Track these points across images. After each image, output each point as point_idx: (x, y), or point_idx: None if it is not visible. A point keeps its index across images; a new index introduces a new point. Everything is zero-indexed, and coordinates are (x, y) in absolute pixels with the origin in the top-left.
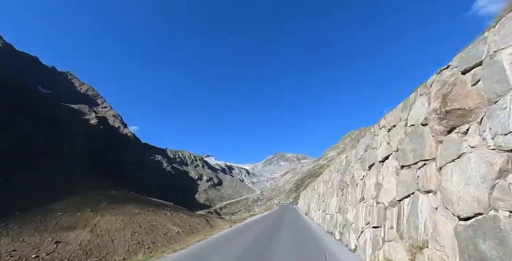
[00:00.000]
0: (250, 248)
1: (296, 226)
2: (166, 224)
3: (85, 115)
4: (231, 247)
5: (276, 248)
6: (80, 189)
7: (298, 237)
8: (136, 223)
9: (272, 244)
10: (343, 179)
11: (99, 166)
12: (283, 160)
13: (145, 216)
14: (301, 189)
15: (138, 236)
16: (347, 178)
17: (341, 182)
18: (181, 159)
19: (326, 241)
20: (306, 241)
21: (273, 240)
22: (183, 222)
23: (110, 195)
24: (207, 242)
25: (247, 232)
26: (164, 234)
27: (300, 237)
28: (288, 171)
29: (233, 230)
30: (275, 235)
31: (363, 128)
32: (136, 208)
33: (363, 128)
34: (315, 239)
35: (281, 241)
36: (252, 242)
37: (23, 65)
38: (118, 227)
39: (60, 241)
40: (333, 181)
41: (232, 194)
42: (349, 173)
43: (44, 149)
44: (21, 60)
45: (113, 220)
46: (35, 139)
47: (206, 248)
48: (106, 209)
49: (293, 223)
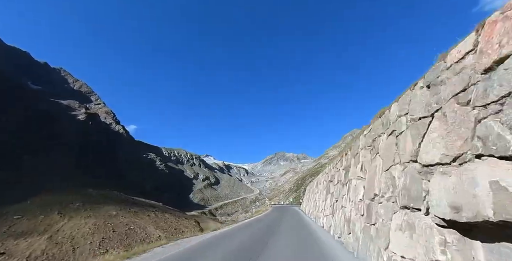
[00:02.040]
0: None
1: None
2: (147, 228)
3: (74, 111)
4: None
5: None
6: (56, 187)
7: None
8: (110, 227)
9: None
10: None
11: (86, 163)
12: (283, 160)
13: (123, 219)
14: (302, 189)
15: (108, 243)
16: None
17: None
18: (176, 157)
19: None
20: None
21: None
22: (168, 225)
23: (88, 194)
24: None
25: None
26: (142, 240)
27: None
28: (288, 171)
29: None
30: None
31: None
32: (115, 209)
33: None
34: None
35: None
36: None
37: (13, 60)
38: (86, 233)
39: (3, 253)
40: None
41: (229, 194)
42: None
43: (24, 144)
44: (12, 55)
45: (82, 224)
46: (18, 135)
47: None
48: (77, 211)
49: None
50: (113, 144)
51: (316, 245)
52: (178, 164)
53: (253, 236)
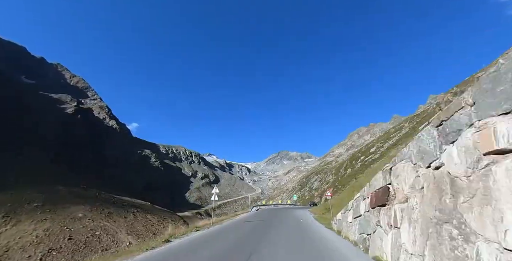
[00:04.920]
0: None
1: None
2: (117, 233)
3: (63, 105)
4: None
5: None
6: (17, 184)
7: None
8: (67, 233)
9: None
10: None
11: (65, 158)
12: (286, 159)
13: (90, 222)
14: (307, 188)
15: (54, 256)
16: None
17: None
18: (174, 154)
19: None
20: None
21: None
22: (147, 229)
23: (56, 192)
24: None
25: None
26: (104, 250)
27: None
28: (291, 170)
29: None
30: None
31: (372, 125)
32: (84, 210)
33: (372, 124)
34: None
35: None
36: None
37: (8, 54)
38: (30, 242)
39: None
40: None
41: (229, 193)
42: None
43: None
44: (7, 50)
45: (29, 231)
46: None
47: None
48: (32, 213)
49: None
50: (102, 139)
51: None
52: (176, 161)
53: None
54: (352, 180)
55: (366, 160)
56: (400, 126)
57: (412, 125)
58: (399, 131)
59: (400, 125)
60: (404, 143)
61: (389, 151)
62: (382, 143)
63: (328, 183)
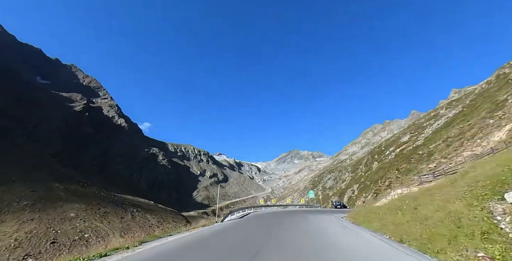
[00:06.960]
0: None
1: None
2: (109, 235)
3: (73, 103)
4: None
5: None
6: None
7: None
8: (52, 235)
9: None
10: None
11: (68, 154)
12: (297, 158)
13: (81, 223)
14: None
15: None
16: None
17: None
18: (183, 153)
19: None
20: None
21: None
22: (145, 230)
23: (50, 189)
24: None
25: None
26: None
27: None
28: (302, 169)
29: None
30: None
31: (388, 122)
32: (78, 209)
33: (387, 121)
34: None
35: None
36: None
37: (25, 56)
38: (7, 246)
39: None
40: None
41: (238, 192)
42: None
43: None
44: (24, 51)
45: (10, 232)
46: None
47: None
48: (18, 212)
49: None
50: (109, 137)
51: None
52: (184, 160)
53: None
54: (392, 171)
55: (404, 149)
56: (431, 116)
57: (450, 110)
58: (434, 119)
59: (430, 114)
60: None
61: (440, 134)
62: (413, 132)
63: (345, 181)
